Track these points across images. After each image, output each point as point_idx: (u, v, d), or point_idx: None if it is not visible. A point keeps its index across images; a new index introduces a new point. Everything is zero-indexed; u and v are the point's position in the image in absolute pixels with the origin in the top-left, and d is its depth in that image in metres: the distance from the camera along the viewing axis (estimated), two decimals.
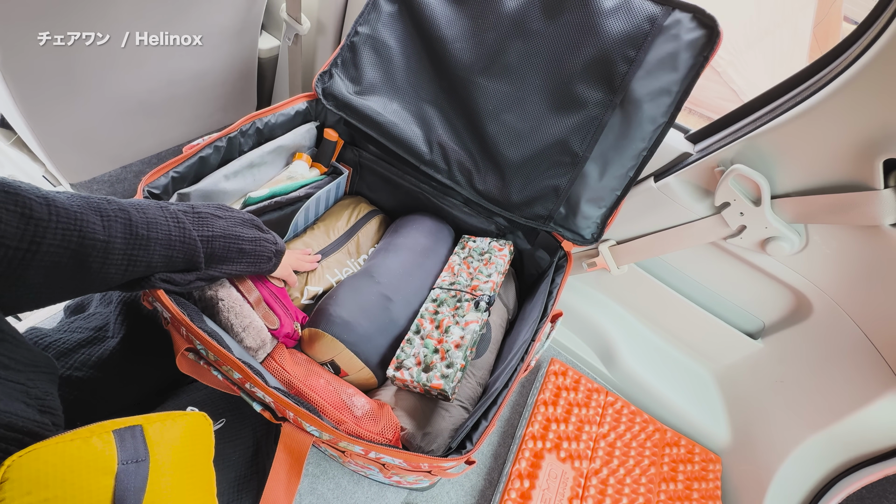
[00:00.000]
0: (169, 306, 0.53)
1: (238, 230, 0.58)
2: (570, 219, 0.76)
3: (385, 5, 0.80)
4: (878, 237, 0.69)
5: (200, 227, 0.54)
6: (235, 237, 0.57)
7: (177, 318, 0.53)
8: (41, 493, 0.29)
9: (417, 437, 0.65)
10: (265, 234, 0.63)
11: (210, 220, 0.55)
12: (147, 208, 0.48)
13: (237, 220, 0.59)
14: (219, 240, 0.55)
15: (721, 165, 0.75)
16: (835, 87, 0.61)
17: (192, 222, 0.53)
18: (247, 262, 0.60)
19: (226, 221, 0.57)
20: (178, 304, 0.54)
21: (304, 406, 0.54)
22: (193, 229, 0.52)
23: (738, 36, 2.22)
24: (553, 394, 0.96)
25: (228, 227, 0.57)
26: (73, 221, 0.40)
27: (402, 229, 0.88)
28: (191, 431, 0.39)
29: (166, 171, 0.64)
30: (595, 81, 0.70)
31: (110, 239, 0.43)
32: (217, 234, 0.55)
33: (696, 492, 0.89)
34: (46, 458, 0.31)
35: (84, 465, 0.32)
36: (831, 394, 0.81)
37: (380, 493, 0.75)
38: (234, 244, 0.57)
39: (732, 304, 0.94)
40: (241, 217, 0.60)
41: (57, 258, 0.39)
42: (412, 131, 0.80)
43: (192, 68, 1.03)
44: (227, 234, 0.56)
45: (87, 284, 0.44)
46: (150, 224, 0.47)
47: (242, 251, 0.58)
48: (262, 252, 0.61)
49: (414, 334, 0.72)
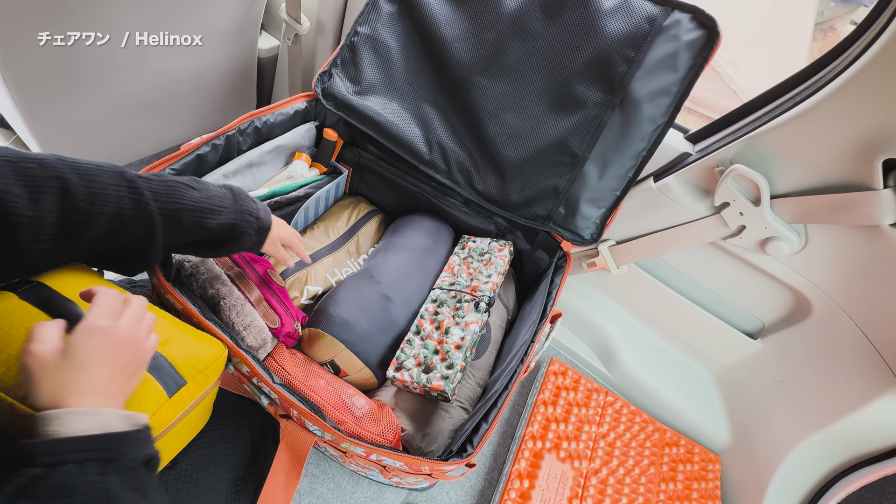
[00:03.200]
0: (179, 300, 0.54)
1: (214, 203, 0.50)
2: (569, 219, 0.76)
3: (385, 5, 0.80)
4: (877, 237, 0.69)
5: (167, 198, 0.46)
6: (209, 210, 0.49)
7: (187, 312, 0.54)
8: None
9: (417, 438, 0.65)
10: (247, 205, 0.54)
11: (180, 191, 0.48)
12: (95, 175, 0.41)
13: (213, 191, 0.51)
14: (188, 213, 0.48)
15: (721, 165, 0.75)
16: (834, 87, 0.61)
17: (154, 193, 0.45)
18: (223, 238, 0.53)
19: (200, 193, 0.50)
20: (189, 298, 0.55)
21: (308, 405, 0.55)
22: (153, 201, 0.44)
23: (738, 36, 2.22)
24: (553, 394, 0.96)
25: (202, 199, 0.49)
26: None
27: (401, 229, 0.88)
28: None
29: (163, 168, 0.64)
30: (594, 82, 0.70)
31: (39, 214, 0.37)
32: (187, 206, 0.47)
33: (695, 491, 0.90)
34: None
35: None
36: (830, 394, 0.81)
37: (379, 493, 0.75)
38: (207, 218, 0.49)
39: (732, 304, 0.94)
40: (216, 189, 0.52)
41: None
42: (412, 131, 0.80)
43: (191, 68, 1.03)
44: (199, 208, 0.49)
45: (17, 266, 0.39)
46: (95, 196, 0.40)
47: (219, 225, 0.51)
48: (242, 227, 0.53)
49: (414, 335, 0.72)
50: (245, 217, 0.54)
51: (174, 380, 0.43)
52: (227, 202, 0.52)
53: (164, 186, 0.46)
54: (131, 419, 0.35)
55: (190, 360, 0.46)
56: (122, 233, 0.43)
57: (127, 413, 0.35)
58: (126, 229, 0.43)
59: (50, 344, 0.34)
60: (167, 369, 0.43)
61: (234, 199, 0.53)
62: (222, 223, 0.51)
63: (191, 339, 0.48)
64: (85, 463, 0.31)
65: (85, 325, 0.35)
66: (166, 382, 0.42)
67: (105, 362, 0.35)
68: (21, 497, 0.28)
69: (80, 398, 0.33)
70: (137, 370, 0.38)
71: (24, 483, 0.29)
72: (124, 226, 0.43)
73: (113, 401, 0.35)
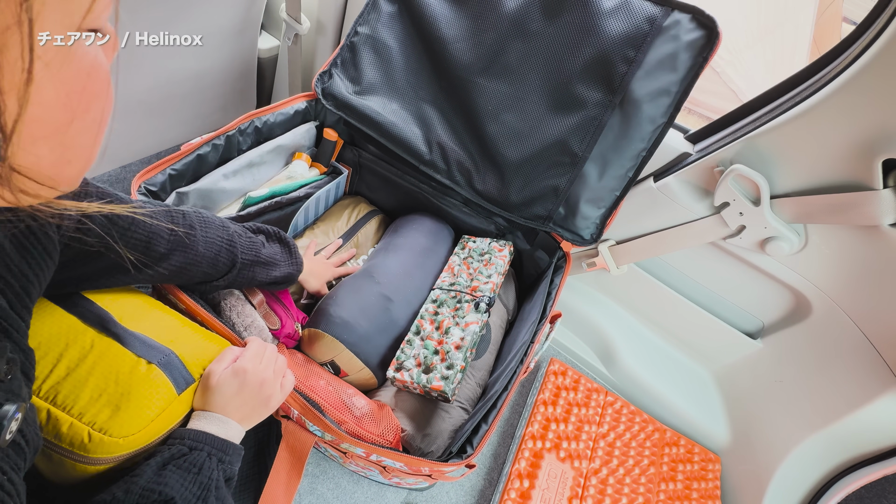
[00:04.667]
0: (183, 300, 0.54)
1: (276, 258, 0.61)
2: (569, 219, 0.76)
3: (385, 5, 0.80)
4: (877, 237, 0.69)
5: (248, 251, 0.56)
6: (272, 263, 0.60)
7: (192, 311, 0.54)
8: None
9: (417, 439, 0.65)
10: (298, 257, 0.65)
11: (257, 246, 0.58)
12: (209, 224, 0.52)
13: (275, 248, 0.62)
14: (260, 266, 0.58)
15: (720, 165, 0.75)
16: (834, 87, 0.62)
17: (241, 247, 0.55)
18: (270, 283, 0.63)
19: (267, 249, 0.60)
20: (193, 298, 0.55)
21: (311, 404, 0.55)
22: (240, 254, 0.55)
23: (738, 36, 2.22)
24: (553, 393, 0.96)
25: (271, 254, 0.60)
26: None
27: (401, 229, 0.88)
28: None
29: (163, 168, 0.64)
30: (594, 82, 0.70)
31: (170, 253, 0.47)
32: (261, 260, 0.58)
33: (695, 491, 0.90)
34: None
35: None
36: (830, 394, 0.81)
37: (379, 494, 0.75)
38: (271, 270, 0.60)
39: (732, 304, 0.94)
40: (276, 246, 0.62)
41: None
42: (412, 131, 0.80)
43: (191, 68, 1.03)
44: (267, 261, 0.59)
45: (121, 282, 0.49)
46: (209, 244, 0.51)
47: (280, 275, 0.62)
48: (286, 277, 0.63)
49: (414, 335, 0.72)
50: (298, 268, 0.65)
51: (183, 377, 0.44)
52: (283, 257, 0.62)
53: (248, 241, 0.57)
54: (241, 439, 0.47)
55: (198, 358, 0.47)
56: (210, 274, 0.53)
57: (242, 434, 0.47)
58: (214, 272, 0.53)
59: (221, 365, 0.47)
60: (178, 366, 0.44)
61: (290, 253, 0.63)
62: (282, 273, 0.61)
63: (199, 337, 0.49)
64: (211, 455, 0.42)
65: (235, 365, 0.47)
66: (176, 379, 0.43)
67: (237, 394, 0.46)
68: (169, 463, 0.40)
69: (220, 412, 0.45)
70: (261, 404, 0.48)
71: (175, 454, 0.40)
72: (214, 270, 0.53)
73: (239, 421, 0.47)
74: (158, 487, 0.37)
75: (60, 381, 0.39)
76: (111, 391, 0.39)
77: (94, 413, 0.38)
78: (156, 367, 0.42)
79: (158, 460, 0.39)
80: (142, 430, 0.40)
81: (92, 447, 0.38)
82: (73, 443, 0.38)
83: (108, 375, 0.40)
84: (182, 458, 0.40)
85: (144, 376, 0.41)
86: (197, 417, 0.44)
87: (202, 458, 0.41)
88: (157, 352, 0.43)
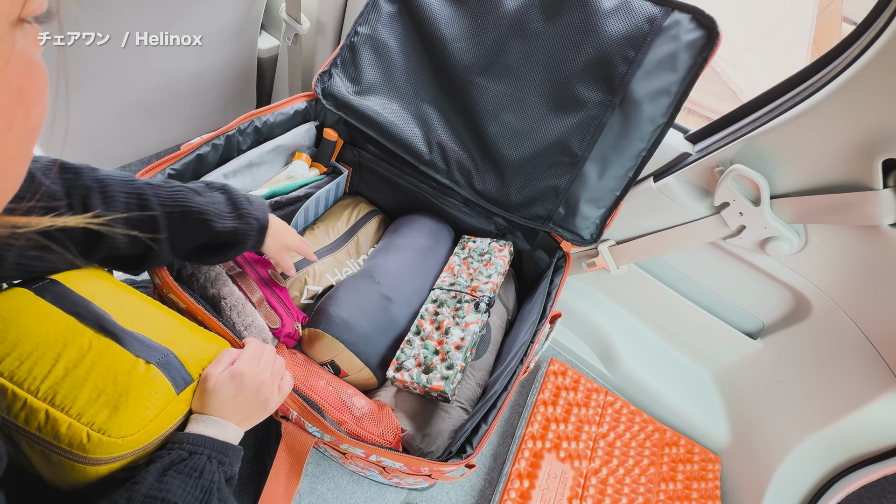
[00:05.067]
0: (183, 299, 0.53)
1: (217, 207, 0.53)
2: (569, 219, 0.76)
3: (385, 5, 0.80)
4: (877, 237, 0.69)
5: (172, 201, 0.50)
6: (213, 213, 0.52)
7: (191, 311, 0.54)
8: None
9: (417, 439, 0.65)
10: (246, 208, 0.56)
11: (184, 194, 0.51)
12: (109, 184, 0.47)
13: (216, 197, 0.54)
14: (193, 216, 0.51)
15: (720, 165, 0.75)
16: (834, 87, 0.62)
17: (159, 198, 0.49)
18: (228, 243, 0.55)
19: (203, 198, 0.53)
20: (193, 297, 0.55)
21: (310, 404, 0.55)
22: (158, 205, 0.49)
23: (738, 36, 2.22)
24: (553, 394, 0.96)
25: (206, 203, 0.52)
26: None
27: (401, 229, 0.88)
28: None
29: (163, 168, 0.64)
30: (594, 82, 0.70)
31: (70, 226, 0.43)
32: (192, 209, 0.51)
33: (695, 491, 0.90)
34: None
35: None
36: (830, 393, 0.81)
37: (379, 494, 0.75)
38: (212, 221, 0.52)
39: (732, 304, 0.94)
40: (218, 195, 0.55)
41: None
42: (411, 131, 0.80)
43: (191, 68, 1.03)
44: (203, 210, 0.52)
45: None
46: (108, 203, 0.46)
47: (224, 228, 0.53)
48: (245, 230, 0.55)
49: (414, 335, 0.72)
50: (247, 220, 0.56)
51: (182, 377, 0.44)
52: (228, 207, 0.55)
53: (169, 191, 0.51)
54: (239, 440, 0.46)
55: (198, 358, 0.47)
56: (131, 240, 0.48)
57: (241, 435, 0.47)
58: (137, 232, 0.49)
59: (218, 368, 0.46)
60: (176, 366, 0.44)
61: (234, 203, 0.56)
62: (226, 227, 0.54)
63: (198, 337, 0.49)
64: (211, 458, 0.42)
65: (232, 368, 0.47)
66: (175, 379, 0.43)
67: (235, 397, 0.46)
68: (169, 468, 0.39)
69: (217, 415, 0.45)
70: (259, 407, 0.48)
71: (174, 459, 0.40)
72: (135, 229, 0.48)
73: (237, 423, 0.46)
74: (161, 494, 0.37)
75: (59, 381, 0.39)
76: (110, 391, 0.39)
77: (92, 413, 0.38)
78: (154, 367, 0.42)
79: (159, 466, 0.39)
80: (141, 429, 0.40)
81: (91, 447, 0.38)
82: (71, 443, 0.38)
83: (106, 376, 0.40)
84: (182, 463, 0.40)
85: (143, 376, 0.41)
86: (195, 421, 0.44)
87: (202, 461, 0.41)
88: (155, 351, 0.43)
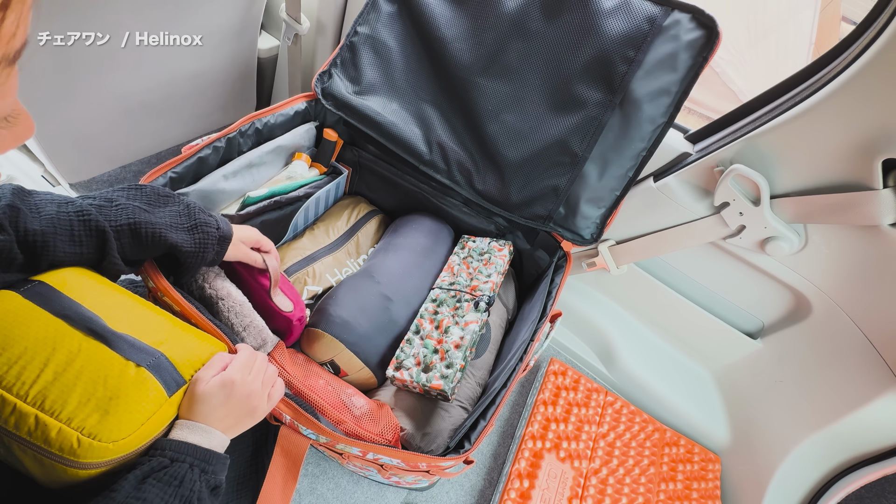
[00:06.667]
0: (177, 302, 0.53)
1: (169, 219, 0.52)
2: (569, 219, 0.76)
3: (384, 5, 0.80)
4: (877, 237, 0.69)
5: (118, 216, 0.49)
6: (166, 225, 0.51)
7: (186, 314, 0.53)
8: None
9: (417, 438, 0.65)
10: (202, 217, 0.55)
11: (131, 210, 0.50)
12: (42, 206, 0.45)
13: (170, 209, 0.53)
14: (144, 227, 0.49)
15: (720, 165, 0.75)
16: (834, 87, 0.62)
17: (104, 214, 0.48)
18: (188, 252, 0.54)
19: (153, 213, 0.51)
20: (187, 299, 0.55)
21: (303, 407, 0.54)
22: (104, 220, 0.47)
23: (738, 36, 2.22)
24: (553, 393, 0.96)
25: (159, 216, 0.51)
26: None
27: (401, 229, 0.88)
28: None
29: (164, 172, 0.64)
30: (594, 82, 0.70)
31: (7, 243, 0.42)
32: (142, 221, 0.49)
33: (695, 491, 0.90)
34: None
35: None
36: (830, 393, 0.81)
37: (379, 493, 0.75)
38: (164, 232, 0.51)
39: (732, 304, 0.94)
40: (174, 207, 0.54)
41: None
42: (411, 131, 0.80)
43: (191, 68, 1.03)
44: (154, 222, 0.50)
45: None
46: (44, 221, 0.44)
47: (180, 240, 0.52)
48: (203, 239, 0.54)
49: (413, 334, 0.72)
50: (204, 229, 0.55)
51: (174, 379, 0.44)
52: (182, 219, 0.54)
53: (115, 208, 0.50)
54: (225, 448, 0.46)
55: (190, 360, 0.46)
56: (83, 254, 0.47)
57: (227, 443, 0.46)
58: (83, 250, 0.47)
59: (209, 373, 0.46)
60: (168, 368, 0.44)
61: (190, 213, 0.55)
62: (181, 238, 0.53)
63: (192, 338, 0.49)
64: (193, 466, 0.41)
65: (224, 375, 0.46)
66: (166, 381, 0.43)
67: (223, 405, 0.45)
68: (149, 476, 0.39)
69: (203, 422, 0.44)
70: (247, 415, 0.47)
71: (155, 467, 0.39)
72: (82, 244, 0.47)
73: (223, 431, 0.46)
74: (137, 503, 0.36)
75: (48, 385, 0.38)
76: (100, 395, 0.39)
77: (82, 418, 0.38)
78: (145, 370, 0.41)
79: (138, 474, 0.38)
80: (132, 433, 0.39)
81: (82, 452, 0.37)
82: (62, 448, 0.37)
83: (96, 379, 0.39)
84: (163, 471, 0.39)
85: (133, 379, 0.40)
86: (179, 427, 0.43)
87: (183, 469, 0.40)
88: (146, 354, 0.43)
